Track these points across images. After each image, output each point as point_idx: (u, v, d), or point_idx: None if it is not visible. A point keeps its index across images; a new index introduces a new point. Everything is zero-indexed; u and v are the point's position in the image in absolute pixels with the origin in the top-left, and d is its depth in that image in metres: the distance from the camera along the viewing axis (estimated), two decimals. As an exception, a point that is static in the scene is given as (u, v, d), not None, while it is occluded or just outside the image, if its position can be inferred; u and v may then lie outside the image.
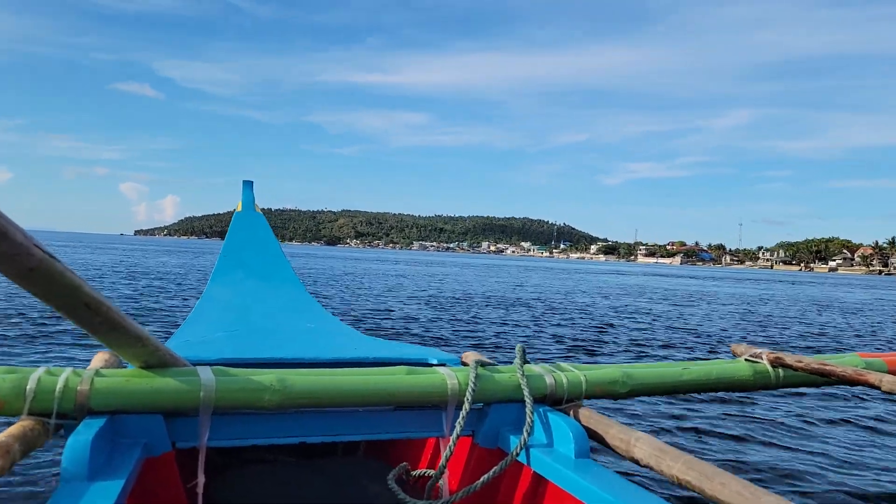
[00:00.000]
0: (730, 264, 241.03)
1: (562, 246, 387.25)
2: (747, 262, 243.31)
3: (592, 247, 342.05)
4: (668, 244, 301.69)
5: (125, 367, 1.75)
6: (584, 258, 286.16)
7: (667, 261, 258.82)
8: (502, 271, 41.36)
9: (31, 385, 1.45)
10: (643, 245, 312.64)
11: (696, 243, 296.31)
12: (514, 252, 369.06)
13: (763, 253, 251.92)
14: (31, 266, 1.10)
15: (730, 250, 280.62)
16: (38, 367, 1.54)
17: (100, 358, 1.84)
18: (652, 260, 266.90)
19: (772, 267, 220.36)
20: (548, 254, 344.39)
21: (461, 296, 16.77)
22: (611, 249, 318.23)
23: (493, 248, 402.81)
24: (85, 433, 1.37)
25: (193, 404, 1.57)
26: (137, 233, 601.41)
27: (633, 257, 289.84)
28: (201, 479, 1.64)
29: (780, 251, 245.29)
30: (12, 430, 1.35)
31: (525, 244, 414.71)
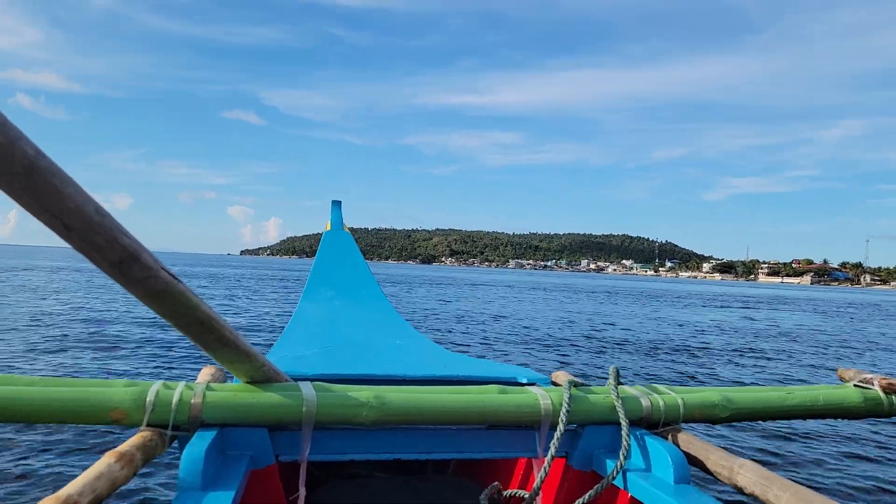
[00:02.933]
0: (870, 285, 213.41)
1: (668, 264, 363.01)
2: (892, 283, 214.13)
3: (705, 265, 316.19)
4: (793, 262, 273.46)
5: (229, 380, 1.78)
6: (695, 277, 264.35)
7: (794, 280, 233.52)
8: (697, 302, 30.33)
9: (150, 398, 1.50)
10: (764, 263, 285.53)
11: (825, 261, 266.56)
12: (615, 270, 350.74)
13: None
14: (158, 288, 1.16)
15: (870, 269, 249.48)
16: (155, 380, 1.59)
17: (206, 372, 1.88)
18: (776, 279, 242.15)
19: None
20: (653, 272, 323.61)
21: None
22: (727, 268, 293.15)
23: (592, 266, 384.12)
24: (199, 445, 1.42)
25: (296, 419, 1.60)
26: (243, 252, 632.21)
27: (752, 276, 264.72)
28: (303, 492, 1.65)
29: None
30: (134, 440, 1.41)
31: (627, 262, 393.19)
